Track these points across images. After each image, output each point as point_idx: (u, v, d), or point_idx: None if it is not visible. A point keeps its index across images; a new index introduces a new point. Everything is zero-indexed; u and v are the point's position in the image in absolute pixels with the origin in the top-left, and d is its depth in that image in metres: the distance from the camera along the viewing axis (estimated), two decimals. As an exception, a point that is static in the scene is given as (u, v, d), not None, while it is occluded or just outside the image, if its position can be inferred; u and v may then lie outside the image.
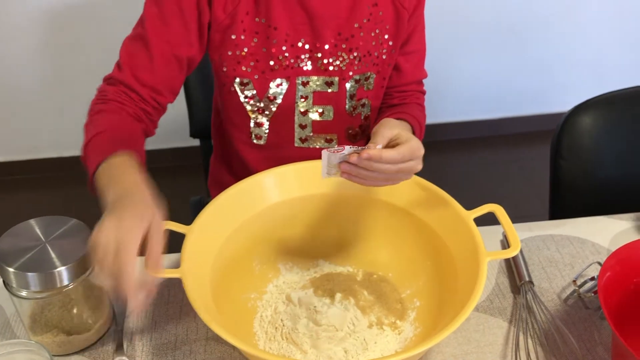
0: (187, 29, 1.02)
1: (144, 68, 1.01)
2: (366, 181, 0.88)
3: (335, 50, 1.08)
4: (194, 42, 1.04)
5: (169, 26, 1.01)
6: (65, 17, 2.31)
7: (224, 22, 1.04)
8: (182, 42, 1.03)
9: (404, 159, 0.86)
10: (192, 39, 1.03)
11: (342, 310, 0.94)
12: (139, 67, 1.01)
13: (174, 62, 1.03)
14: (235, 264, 0.97)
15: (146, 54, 1.01)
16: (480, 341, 0.94)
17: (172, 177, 2.06)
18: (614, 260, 0.87)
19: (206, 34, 1.05)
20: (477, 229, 0.91)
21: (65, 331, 0.90)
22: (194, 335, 0.95)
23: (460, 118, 2.86)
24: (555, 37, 2.68)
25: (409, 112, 1.11)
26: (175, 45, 1.02)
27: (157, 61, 1.01)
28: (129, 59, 1.02)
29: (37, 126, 2.56)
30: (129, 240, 0.73)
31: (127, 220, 0.75)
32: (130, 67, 1.01)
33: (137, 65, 1.01)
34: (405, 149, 0.85)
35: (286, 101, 1.11)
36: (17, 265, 0.83)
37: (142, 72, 1.01)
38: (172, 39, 1.02)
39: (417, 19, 1.14)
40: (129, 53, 1.03)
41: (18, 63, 2.39)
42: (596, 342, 0.94)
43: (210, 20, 1.03)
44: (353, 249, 1.06)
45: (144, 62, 1.01)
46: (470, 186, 2.56)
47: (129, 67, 1.02)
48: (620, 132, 1.30)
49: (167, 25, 1.01)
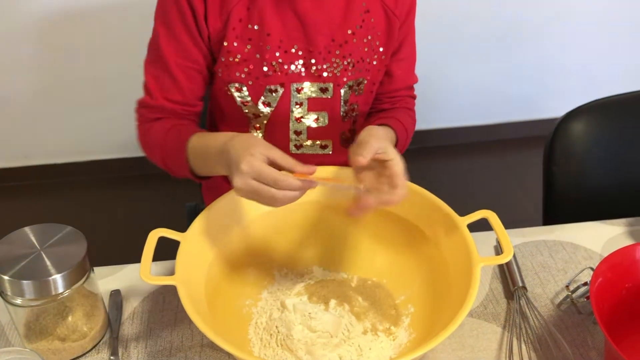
0: (196, 42, 1.05)
1: (172, 89, 1.07)
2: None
3: (329, 56, 1.09)
4: (205, 52, 1.07)
5: (181, 43, 1.05)
6: (58, 24, 2.31)
7: (219, 30, 1.05)
8: (197, 55, 1.06)
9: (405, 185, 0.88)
10: (203, 48, 1.07)
11: (337, 317, 0.94)
12: (167, 90, 1.07)
13: (195, 74, 1.08)
14: (230, 271, 0.98)
15: (169, 75, 1.06)
16: (475, 346, 0.95)
17: (167, 183, 2.06)
18: (605, 266, 0.88)
19: (208, 44, 1.08)
20: (470, 235, 0.91)
21: (60, 339, 0.90)
22: (189, 342, 0.95)
23: (452, 124, 2.87)
24: (546, 45, 2.70)
25: (396, 117, 1.14)
26: (192, 60, 1.06)
27: (181, 79, 1.06)
28: (156, 83, 1.07)
29: (30, 133, 2.55)
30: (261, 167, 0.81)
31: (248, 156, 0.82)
32: (160, 91, 1.07)
33: (165, 88, 1.07)
34: (404, 179, 0.88)
35: (281, 107, 1.12)
36: (12, 273, 0.83)
37: (171, 94, 1.07)
38: (188, 54, 1.06)
39: (408, 27, 1.15)
40: (154, 77, 1.08)
41: (10, 70, 2.38)
42: (589, 347, 0.94)
43: (209, 34, 1.05)
44: (347, 255, 1.06)
45: (169, 84, 1.07)
46: (462, 192, 2.57)
47: (158, 92, 1.07)
48: (613, 138, 1.31)
49: (179, 43, 1.05)
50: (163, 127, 1.06)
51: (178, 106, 1.08)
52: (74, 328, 0.91)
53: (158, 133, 1.06)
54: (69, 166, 2.64)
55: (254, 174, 0.81)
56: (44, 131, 2.55)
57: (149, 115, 1.09)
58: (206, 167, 0.98)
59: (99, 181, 2.64)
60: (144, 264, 0.84)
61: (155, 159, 1.08)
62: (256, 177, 0.81)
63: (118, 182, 2.62)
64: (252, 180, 0.81)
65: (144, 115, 1.09)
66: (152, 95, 1.08)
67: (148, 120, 1.09)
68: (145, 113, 1.09)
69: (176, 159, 1.01)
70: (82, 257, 0.87)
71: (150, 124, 1.08)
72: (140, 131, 1.11)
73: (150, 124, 1.08)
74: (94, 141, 2.57)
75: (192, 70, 1.07)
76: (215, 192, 1.30)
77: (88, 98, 2.46)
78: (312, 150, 1.19)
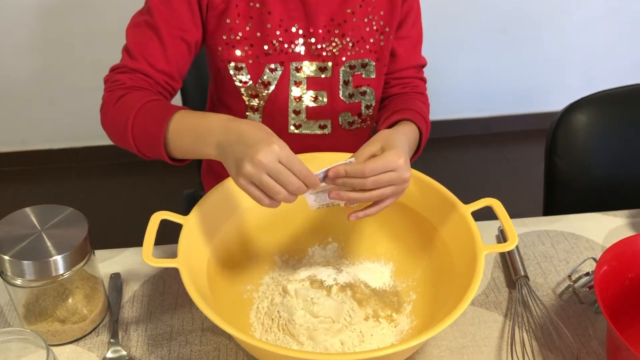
0: (192, 13, 1.03)
1: (158, 55, 1.02)
2: (358, 198, 0.87)
3: (328, 35, 1.09)
4: (198, 25, 1.05)
5: (175, 12, 1.02)
6: (55, 9, 2.29)
7: (220, 6, 1.05)
8: (190, 26, 1.04)
9: (374, 172, 0.84)
10: (197, 22, 1.05)
11: (339, 303, 0.94)
12: (152, 55, 1.01)
13: (184, 47, 1.04)
14: (232, 255, 0.97)
15: (158, 41, 1.01)
16: (476, 335, 0.94)
17: (164, 169, 2.05)
18: (610, 254, 0.87)
19: (205, 18, 1.06)
20: (474, 223, 0.91)
21: (59, 320, 0.89)
22: (189, 326, 0.94)
23: (451, 116, 2.87)
24: (546, 38, 2.70)
25: (412, 108, 1.09)
26: (184, 30, 1.03)
27: (170, 47, 1.02)
28: (141, 48, 1.02)
29: (28, 118, 2.54)
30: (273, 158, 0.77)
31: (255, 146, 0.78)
32: (144, 55, 1.01)
33: (151, 53, 1.01)
34: (377, 162, 0.84)
35: (280, 86, 1.12)
36: (13, 253, 0.82)
37: (156, 60, 1.02)
38: (181, 24, 1.03)
39: (410, 4, 1.14)
40: (139, 42, 1.02)
41: (8, 55, 2.37)
42: (590, 337, 0.94)
43: (208, 4, 1.04)
44: (350, 242, 1.06)
45: (156, 49, 1.02)
46: (459, 184, 2.56)
47: (142, 56, 1.01)
48: (615, 130, 1.31)
49: (174, 11, 1.02)
50: (143, 97, 0.96)
51: (161, 75, 1.02)
52: (73, 310, 0.90)
53: (135, 101, 0.95)
54: (66, 151, 2.62)
55: (284, 157, 0.78)
56: (41, 116, 2.54)
57: (126, 82, 0.99)
58: (189, 146, 0.89)
59: (97, 167, 2.63)
60: (146, 246, 0.83)
61: (121, 134, 0.96)
62: (284, 161, 0.78)
63: (116, 168, 2.60)
64: (278, 162, 0.78)
65: (120, 81, 1.00)
66: (134, 57, 1.01)
67: (124, 87, 0.99)
68: (121, 79, 1.00)
69: (152, 134, 0.92)
70: (83, 239, 0.86)
71: (127, 91, 0.98)
72: (108, 99, 0.99)
73: (127, 91, 0.98)
74: (91, 127, 2.54)
75: (182, 41, 1.03)
76: (215, 177, 1.29)
77: (86, 83, 2.43)
78: (310, 130, 1.18)
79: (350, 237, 1.05)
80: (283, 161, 0.78)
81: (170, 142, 0.91)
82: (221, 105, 1.19)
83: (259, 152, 0.76)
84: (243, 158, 0.78)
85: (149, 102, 0.95)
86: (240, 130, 0.81)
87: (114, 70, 1.03)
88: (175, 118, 0.91)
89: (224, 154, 0.83)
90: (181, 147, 0.91)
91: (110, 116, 0.98)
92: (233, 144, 0.81)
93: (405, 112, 1.07)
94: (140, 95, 0.97)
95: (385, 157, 0.85)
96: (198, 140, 0.87)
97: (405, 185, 0.88)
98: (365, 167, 0.84)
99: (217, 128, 0.84)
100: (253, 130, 0.80)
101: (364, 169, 0.83)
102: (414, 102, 1.13)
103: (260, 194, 0.80)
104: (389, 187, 0.86)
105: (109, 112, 0.98)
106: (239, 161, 0.79)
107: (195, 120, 0.89)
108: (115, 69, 1.03)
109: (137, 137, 0.94)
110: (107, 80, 1.03)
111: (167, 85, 1.04)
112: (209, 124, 0.86)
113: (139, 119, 0.94)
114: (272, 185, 0.78)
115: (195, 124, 0.88)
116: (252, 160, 0.77)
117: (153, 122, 0.92)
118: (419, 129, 1.07)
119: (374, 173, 0.84)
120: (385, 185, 0.86)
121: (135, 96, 0.97)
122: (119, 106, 0.97)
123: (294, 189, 0.79)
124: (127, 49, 1.03)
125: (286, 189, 0.79)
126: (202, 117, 0.89)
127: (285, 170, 0.78)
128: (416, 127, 1.06)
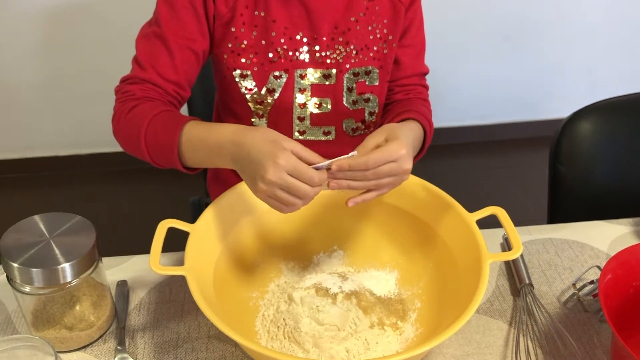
0: (200, 23, 1.05)
1: (167, 66, 1.04)
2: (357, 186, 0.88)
3: (332, 43, 1.11)
4: (206, 34, 1.07)
5: (183, 22, 1.04)
6: (62, 16, 2.31)
7: (226, 16, 1.06)
8: (197, 36, 1.05)
9: (377, 164, 0.85)
10: (204, 32, 1.06)
11: (344, 310, 0.94)
12: (161, 66, 1.03)
13: (192, 56, 1.06)
14: (238, 263, 0.98)
15: (166, 51, 1.03)
16: (481, 342, 0.95)
17: (169, 176, 2.06)
18: (615, 262, 0.88)
19: (212, 27, 1.07)
20: (479, 231, 0.91)
21: (67, 327, 0.90)
22: (195, 334, 0.95)
23: (454, 123, 2.87)
24: (550, 46, 2.71)
25: (415, 110, 1.11)
26: (191, 40, 1.05)
27: (178, 58, 1.04)
28: (151, 58, 1.04)
29: (33, 125, 2.55)
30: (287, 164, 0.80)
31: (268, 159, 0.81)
32: (153, 66, 1.03)
33: (160, 64, 1.03)
34: (380, 154, 0.85)
35: (285, 93, 1.13)
36: (21, 260, 0.83)
37: (165, 70, 1.04)
38: (188, 34, 1.04)
39: (413, 12, 1.16)
40: (148, 53, 1.04)
41: (14, 62, 2.38)
42: (595, 345, 0.94)
43: (215, 14, 1.06)
44: (355, 249, 1.06)
45: (165, 60, 1.04)
46: (464, 191, 2.56)
47: (151, 66, 1.03)
48: (619, 138, 1.32)
49: (181, 22, 1.04)
50: (154, 108, 0.98)
51: (170, 85, 1.04)
52: (81, 317, 0.90)
53: (146, 112, 0.98)
54: (70, 158, 2.64)
55: (290, 169, 0.80)
56: (46, 123, 2.55)
57: (137, 93, 1.02)
58: (204, 158, 0.94)
59: (101, 174, 2.64)
60: (154, 254, 0.84)
61: (134, 145, 0.99)
62: (291, 172, 0.81)
63: (120, 175, 2.62)
64: (287, 175, 0.80)
65: (130, 92, 1.02)
66: (144, 68, 1.03)
67: (135, 98, 1.01)
68: (132, 90, 1.02)
69: (165, 146, 0.94)
70: (90, 247, 0.87)
71: (138, 102, 1.01)
72: (120, 110, 1.01)
73: (138, 102, 1.01)
74: (96, 133, 2.57)
75: (190, 51, 1.05)
76: (221, 185, 1.30)
77: (91, 90, 2.46)
78: (314, 136, 1.19)
79: (355, 244, 1.06)
80: (291, 173, 0.81)
81: (184, 153, 0.95)
82: (227, 112, 1.20)
83: (267, 172, 0.80)
84: (255, 177, 0.83)
85: (159, 113, 0.97)
86: (248, 147, 0.84)
87: (125, 81, 1.05)
88: (186, 130, 0.94)
89: (239, 167, 0.86)
90: (195, 159, 0.95)
91: (123, 127, 1.01)
92: (244, 159, 0.84)
93: (410, 113, 1.09)
94: (151, 107, 0.99)
95: (388, 147, 0.86)
96: (211, 154, 0.91)
97: (405, 176, 0.89)
98: (368, 159, 0.85)
99: (228, 142, 0.87)
100: (260, 144, 0.83)
101: (367, 162, 0.85)
102: (418, 106, 1.15)
103: (279, 205, 0.84)
104: (388, 178, 0.88)
105: (121, 123, 1.01)
106: (252, 179, 0.84)
107: (204, 133, 0.92)
108: (126, 79, 1.05)
109: (151, 148, 0.97)
110: (118, 91, 1.05)
111: (176, 95, 1.06)
112: (219, 136, 0.89)
113: (151, 131, 0.96)
114: (286, 198, 0.82)
115: (205, 137, 0.92)
116: (262, 179, 0.81)
117: (165, 134, 0.95)
118: (423, 129, 1.08)
119: (377, 165, 0.86)
120: (385, 175, 0.87)
121: (146, 107, 0.99)
122: (131, 117, 0.99)
123: (307, 195, 0.83)
124: (137, 60, 1.05)
125: (299, 198, 0.83)
126: (211, 129, 0.92)
127: (295, 183, 0.81)
128: (420, 126, 1.08)
